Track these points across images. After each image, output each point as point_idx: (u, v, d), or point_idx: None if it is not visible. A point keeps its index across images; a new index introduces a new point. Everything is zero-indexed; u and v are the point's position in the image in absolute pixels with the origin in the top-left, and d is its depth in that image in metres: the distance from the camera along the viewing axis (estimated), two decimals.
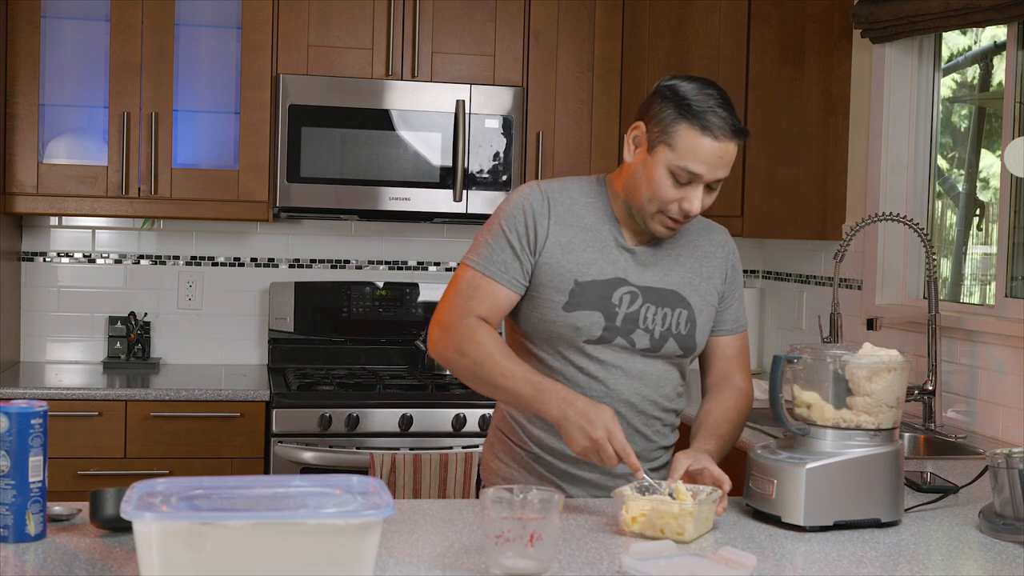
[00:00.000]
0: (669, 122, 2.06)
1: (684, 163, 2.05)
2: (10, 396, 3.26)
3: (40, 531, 1.77)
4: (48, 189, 3.64)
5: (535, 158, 3.89)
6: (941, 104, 3.80)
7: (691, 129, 2.04)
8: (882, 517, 1.98)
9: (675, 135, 2.05)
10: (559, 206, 2.18)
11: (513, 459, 2.26)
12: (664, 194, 2.09)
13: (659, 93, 2.10)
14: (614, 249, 2.18)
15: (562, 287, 2.15)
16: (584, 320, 2.14)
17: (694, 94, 2.06)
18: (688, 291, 2.21)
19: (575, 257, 2.16)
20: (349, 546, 1.48)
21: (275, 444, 3.46)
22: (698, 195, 2.08)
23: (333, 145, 3.73)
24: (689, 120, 2.04)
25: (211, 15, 3.79)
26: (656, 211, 2.11)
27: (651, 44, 3.97)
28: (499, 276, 2.15)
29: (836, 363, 1.98)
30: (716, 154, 2.05)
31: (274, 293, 4.04)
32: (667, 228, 2.14)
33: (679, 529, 1.85)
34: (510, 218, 2.17)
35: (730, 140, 2.05)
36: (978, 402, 3.23)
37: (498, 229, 2.17)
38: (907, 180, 3.81)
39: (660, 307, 2.18)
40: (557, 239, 2.16)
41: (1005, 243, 3.31)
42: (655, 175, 2.08)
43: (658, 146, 2.08)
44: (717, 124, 2.04)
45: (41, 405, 1.78)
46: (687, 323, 2.20)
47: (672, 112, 2.06)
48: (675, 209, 2.10)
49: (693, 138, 2.04)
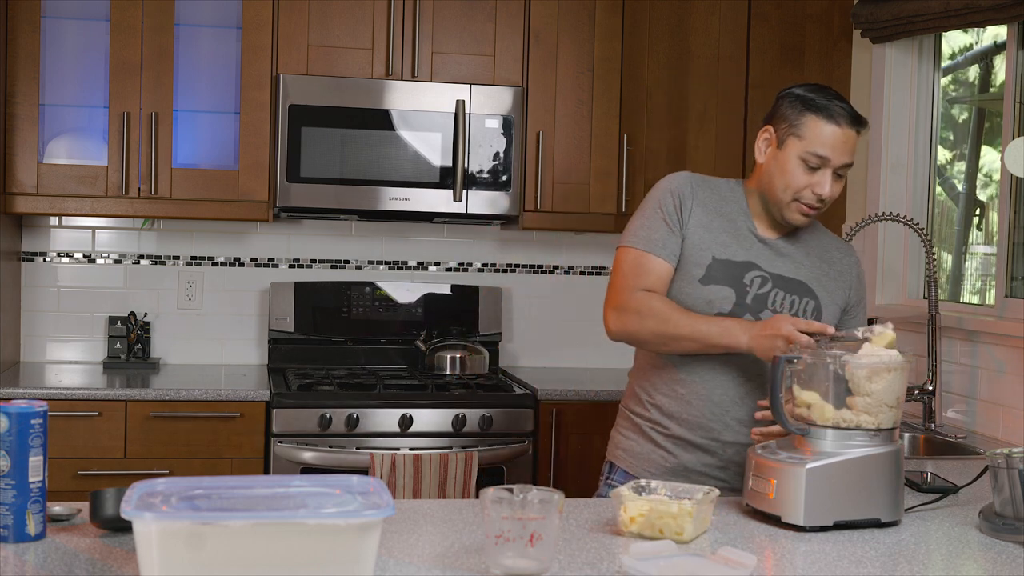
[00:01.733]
0: (796, 116, 2.30)
1: (813, 148, 2.27)
2: (10, 396, 3.26)
3: (40, 531, 1.77)
4: (48, 189, 3.64)
5: (535, 158, 3.89)
6: (941, 104, 3.80)
7: (817, 119, 2.27)
8: (882, 517, 1.98)
9: (803, 126, 2.28)
10: (702, 192, 2.39)
11: (633, 430, 2.45)
12: (797, 181, 2.29)
13: (783, 99, 2.34)
14: (748, 237, 2.38)
15: (701, 262, 2.34)
16: (717, 294, 2.32)
17: (815, 92, 2.31)
18: (816, 284, 2.38)
19: (714, 237, 2.36)
20: (349, 546, 1.48)
21: (275, 444, 3.46)
22: (828, 179, 2.29)
23: (333, 145, 3.73)
24: (814, 111, 2.28)
25: (211, 15, 3.79)
26: (791, 199, 2.31)
27: (651, 44, 3.97)
28: (658, 251, 2.35)
29: (836, 363, 1.98)
30: (840, 139, 2.27)
31: (274, 293, 4.04)
32: (803, 215, 2.33)
33: (678, 529, 1.85)
34: (660, 199, 2.38)
35: (851, 127, 2.28)
36: (978, 402, 3.23)
37: (651, 210, 2.38)
38: (907, 180, 3.81)
39: (789, 294, 2.35)
40: (700, 219, 2.36)
41: (1005, 243, 3.31)
42: (788, 165, 2.30)
43: (787, 139, 2.30)
44: (839, 112, 2.27)
45: (41, 405, 1.78)
46: (814, 312, 2.36)
47: (799, 108, 2.30)
48: (808, 195, 2.30)
49: (819, 126, 2.27)
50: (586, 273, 4.35)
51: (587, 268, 4.35)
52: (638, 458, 2.43)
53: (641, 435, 2.43)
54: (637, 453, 2.43)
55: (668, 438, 2.39)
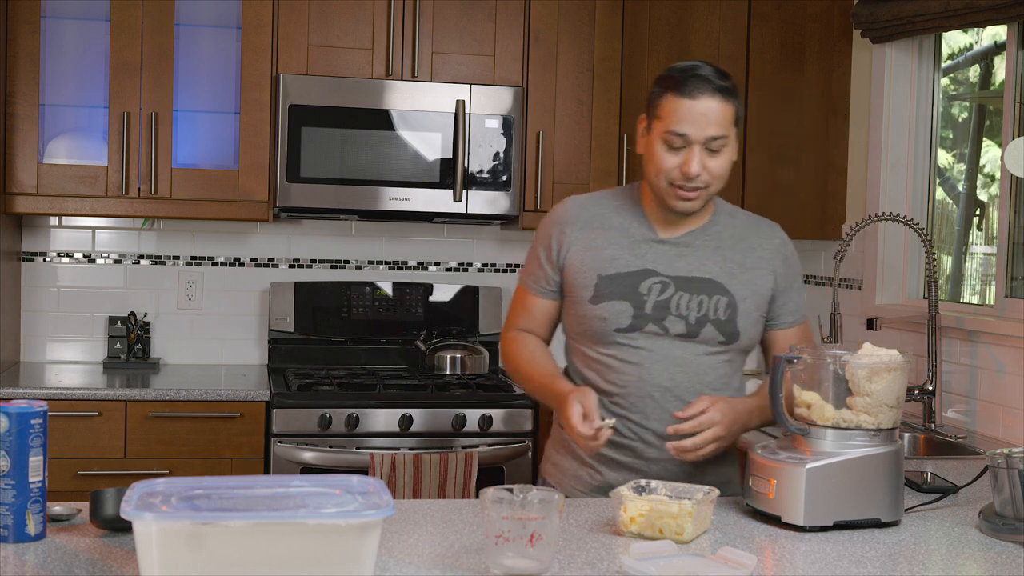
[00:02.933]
0: (656, 98, 2.22)
1: (671, 127, 2.18)
2: (10, 396, 3.26)
3: (40, 531, 1.77)
4: (48, 189, 3.64)
5: (535, 158, 3.89)
6: (941, 103, 3.80)
7: (671, 96, 2.19)
8: (882, 517, 1.98)
9: (660, 107, 2.21)
10: (586, 212, 2.35)
11: (561, 445, 2.41)
12: (664, 163, 2.20)
13: (654, 83, 2.27)
14: (644, 243, 2.30)
15: (587, 283, 2.29)
16: (610, 311, 2.26)
17: (678, 69, 2.22)
18: (727, 279, 2.28)
19: (597, 255, 2.30)
20: (349, 546, 1.48)
21: (275, 444, 3.46)
22: (694, 156, 2.18)
23: (333, 145, 3.73)
24: (670, 89, 2.19)
25: (211, 15, 3.79)
26: (666, 185, 2.22)
27: (651, 44, 3.97)
28: (533, 287, 2.40)
29: (836, 363, 1.98)
30: (698, 111, 2.16)
31: (274, 293, 4.04)
32: (683, 200, 2.22)
33: (678, 529, 1.85)
34: (541, 235, 2.40)
35: (709, 97, 2.16)
36: (978, 402, 3.23)
37: (534, 246, 2.41)
38: (907, 180, 3.81)
39: (695, 295, 2.26)
40: (581, 243, 2.32)
41: (1005, 243, 3.31)
42: (654, 149, 2.22)
43: (652, 123, 2.24)
44: (694, 85, 2.16)
45: (41, 405, 1.78)
46: (727, 309, 2.26)
47: (658, 89, 2.23)
48: (678, 175, 2.20)
49: (673, 102, 2.18)
50: None
51: None
52: (565, 474, 2.36)
53: (568, 452, 2.36)
54: (565, 469, 2.36)
55: (593, 456, 2.30)
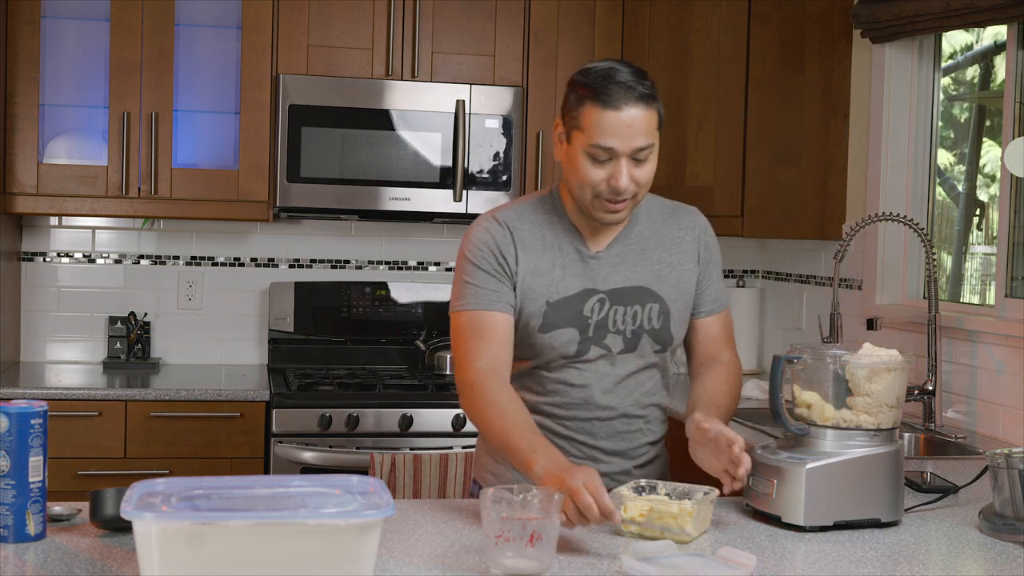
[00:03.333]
0: (575, 106, 2.06)
1: (595, 141, 2.04)
2: (10, 396, 3.26)
3: (40, 531, 1.77)
4: (48, 189, 3.64)
5: (535, 158, 3.89)
6: (941, 103, 3.80)
7: (593, 106, 2.03)
8: (882, 517, 1.98)
9: (581, 117, 2.05)
10: (520, 232, 2.18)
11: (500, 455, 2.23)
12: (590, 177, 2.07)
13: (570, 84, 2.10)
14: (578, 261, 2.18)
15: (536, 310, 2.15)
16: (559, 339, 2.15)
17: (595, 74, 2.05)
18: (657, 284, 2.20)
19: (544, 279, 2.16)
20: (349, 546, 1.48)
21: (275, 444, 3.46)
22: (622, 170, 2.05)
23: (333, 145, 3.73)
24: (590, 98, 2.03)
25: (211, 15, 3.79)
26: (592, 197, 2.09)
27: (651, 44, 3.97)
28: (492, 305, 2.14)
29: (836, 363, 1.98)
30: (624, 124, 2.03)
31: (274, 293, 4.04)
32: (610, 212, 2.11)
33: (678, 529, 1.85)
34: (479, 255, 2.16)
35: (634, 107, 2.03)
36: (978, 402, 3.23)
37: (471, 268, 2.16)
38: (907, 180, 3.81)
39: (629, 306, 2.17)
40: (527, 264, 2.16)
41: (1005, 243, 3.31)
42: (578, 162, 2.08)
43: (572, 133, 2.08)
44: (617, 94, 2.02)
45: (41, 405, 1.78)
46: (660, 316, 2.19)
47: (576, 96, 2.06)
48: (605, 189, 2.07)
49: (596, 114, 2.03)
50: None
51: None
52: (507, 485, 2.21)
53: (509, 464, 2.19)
54: (510, 481, 2.20)
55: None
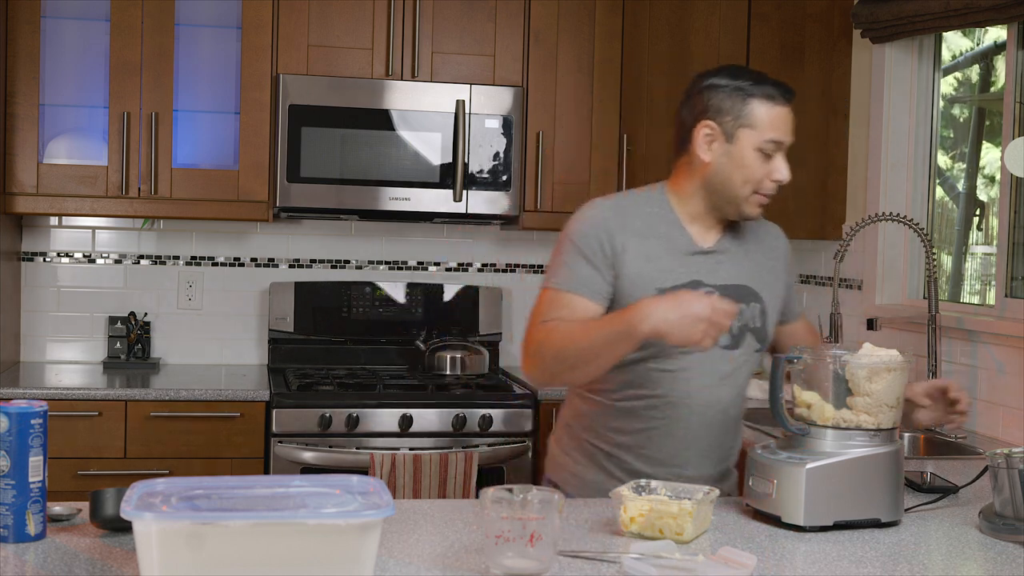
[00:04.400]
0: (740, 107, 2.18)
1: (768, 136, 2.17)
2: (10, 396, 3.26)
3: (40, 531, 1.77)
4: (48, 189, 3.64)
5: (535, 158, 3.89)
6: (941, 104, 3.80)
7: (762, 104, 2.18)
8: (882, 517, 1.98)
9: (751, 115, 2.18)
10: (632, 219, 2.23)
11: (583, 455, 2.30)
12: (756, 173, 2.19)
13: (711, 89, 2.21)
14: (688, 255, 2.24)
15: (647, 295, 2.14)
16: None
17: (743, 76, 2.21)
18: (758, 285, 2.29)
19: (656, 265, 2.20)
20: (349, 546, 1.48)
21: (275, 444, 3.46)
22: (784, 162, 2.20)
23: (333, 145, 3.73)
24: (758, 97, 2.18)
25: (211, 15, 3.79)
26: (751, 192, 2.20)
27: (651, 44, 3.97)
28: (580, 288, 2.17)
29: (836, 363, 1.98)
30: (787, 118, 2.20)
31: (274, 293, 4.04)
32: (760, 206, 2.24)
33: (678, 529, 1.85)
34: (583, 237, 2.20)
35: (790, 103, 2.21)
36: (978, 402, 3.23)
37: (572, 248, 2.20)
38: (907, 180, 3.81)
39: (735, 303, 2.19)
40: (636, 250, 2.20)
41: (1005, 243, 3.31)
42: (745, 159, 2.19)
43: (737, 132, 2.18)
44: (778, 92, 2.19)
45: (41, 405, 1.78)
46: (760, 315, 2.27)
47: (739, 97, 2.18)
48: (767, 184, 2.20)
49: (767, 111, 2.17)
50: None
51: None
52: (589, 487, 2.26)
53: (592, 462, 2.28)
54: (589, 481, 2.26)
55: (624, 471, 2.23)
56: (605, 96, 3.94)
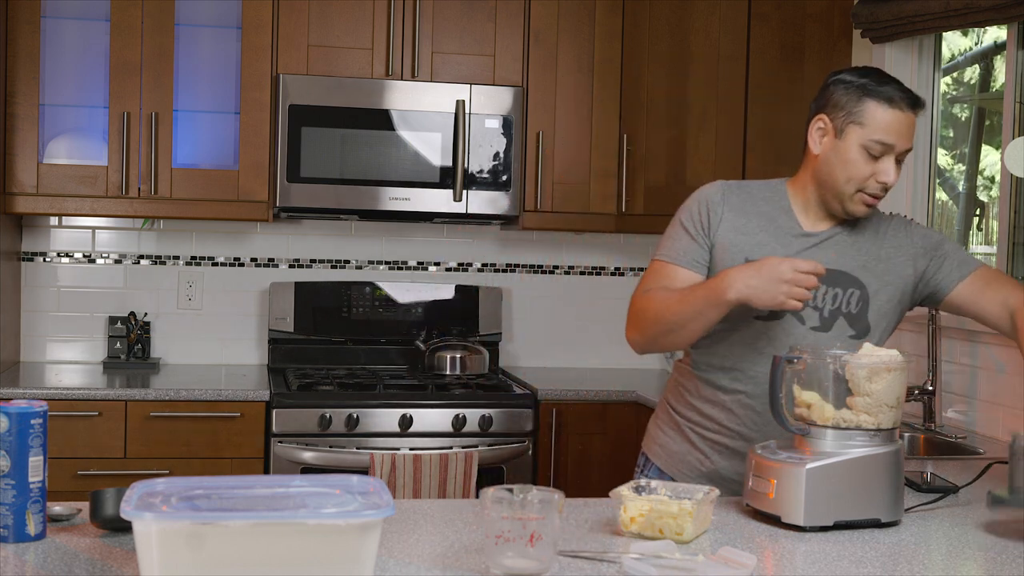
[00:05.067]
0: (855, 103, 2.20)
1: (876, 136, 2.18)
2: (10, 396, 3.26)
3: (40, 531, 1.77)
4: (48, 189, 3.64)
5: (535, 158, 3.89)
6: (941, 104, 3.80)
7: (878, 105, 2.18)
8: (882, 517, 1.98)
9: (863, 113, 2.19)
10: (735, 196, 2.31)
11: (672, 427, 2.41)
12: (860, 171, 2.21)
13: (835, 85, 2.24)
14: (788, 235, 2.29)
15: (734, 264, 2.23)
16: None
17: (869, 76, 2.21)
18: (861, 272, 2.28)
19: (748, 239, 2.27)
20: (349, 546, 1.48)
21: (275, 444, 3.46)
22: (891, 166, 2.20)
23: (333, 145, 3.74)
24: (874, 97, 2.18)
25: (211, 15, 3.79)
26: (855, 191, 2.22)
27: (651, 44, 3.97)
28: (680, 260, 2.28)
29: (836, 363, 1.98)
30: (903, 123, 2.19)
31: (274, 293, 4.04)
32: (867, 206, 2.25)
33: (678, 529, 1.85)
34: (687, 211, 2.32)
35: (911, 110, 2.19)
36: (978, 402, 3.23)
37: (677, 222, 2.33)
38: (907, 180, 3.81)
39: (831, 287, 2.25)
40: (731, 223, 2.28)
41: (1005, 243, 3.31)
42: (850, 155, 2.21)
43: (848, 128, 2.21)
44: (899, 96, 2.18)
45: (41, 405, 1.78)
46: (859, 303, 2.27)
47: (856, 94, 2.20)
48: (872, 184, 2.21)
49: (880, 112, 2.18)
50: (586, 273, 4.35)
51: (587, 268, 4.35)
52: (674, 457, 2.39)
53: (679, 434, 2.39)
54: (674, 452, 2.39)
55: (707, 442, 2.34)
56: (605, 96, 3.94)
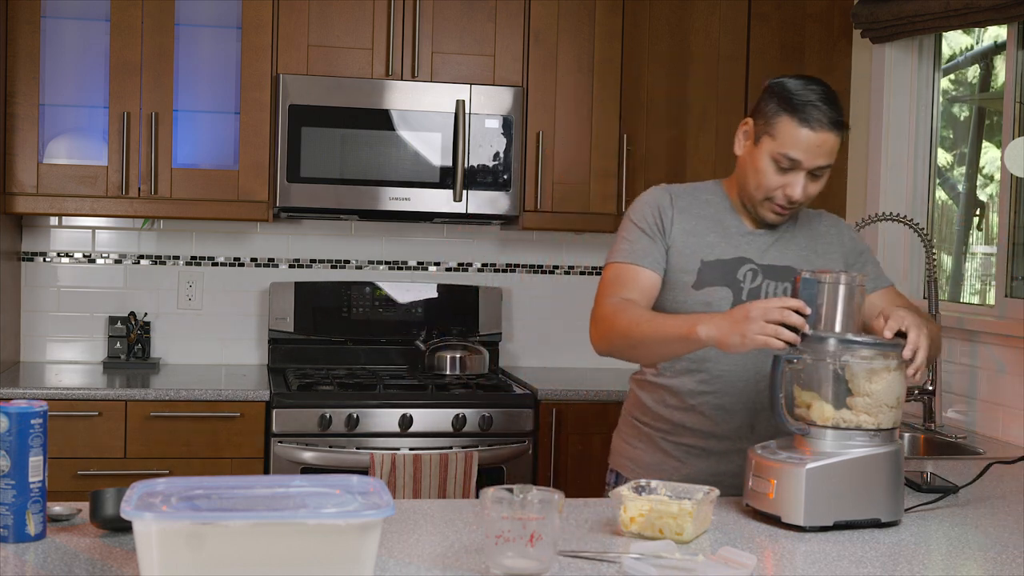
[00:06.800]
0: (772, 115, 2.23)
1: (784, 150, 2.21)
2: (10, 396, 3.26)
3: (40, 531, 1.77)
4: (48, 189, 3.64)
5: (535, 158, 3.89)
6: (941, 104, 3.80)
7: (791, 120, 2.20)
8: (882, 517, 1.98)
9: (777, 126, 2.22)
10: (681, 200, 2.36)
11: (640, 439, 2.42)
12: (769, 181, 2.25)
13: (767, 90, 2.27)
14: (736, 234, 2.34)
15: (690, 268, 2.31)
16: (713, 296, 2.29)
17: (797, 89, 2.22)
18: (803, 266, 2.33)
19: (699, 240, 2.32)
20: (349, 546, 1.48)
21: (275, 444, 3.46)
22: (799, 182, 2.23)
23: (333, 145, 3.73)
24: (789, 112, 2.21)
25: (211, 15, 3.79)
26: (763, 198, 2.28)
27: (651, 44, 3.97)
28: (640, 261, 2.30)
29: (836, 363, 1.98)
30: (814, 143, 2.20)
31: (274, 293, 4.04)
32: (775, 215, 2.30)
33: (678, 529, 1.85)
34: (639, 214, 2.35)
35: (827, 131, 2.20)
36: (978, 402, 3.23)
37: (630, 225, 2.35)
38: (907, 180, 3.81)
39: (780, 282, 2.32)
40: (683, 226, 2.33)
41: (1005, 243, 3.31)
42: (760, 164, 2.25)
43: (762, 137, 2.25)
44: (815, 116, 2.19)
45: (41, 405, 1.78)
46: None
47: (775, 106, 2.23)
48: (780, 195, 2.25)
49: (792, 128, 2.20)
50: (586, 273, 4.35)
51: (587, 268, 4.35)
52: (648, 469, 2.38)
53: (650, 444, 2.40)
54: (647, 464, 2.39)
55: (681, 447, 2.36)
56: (605, 96, 3.94)
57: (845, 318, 2.01)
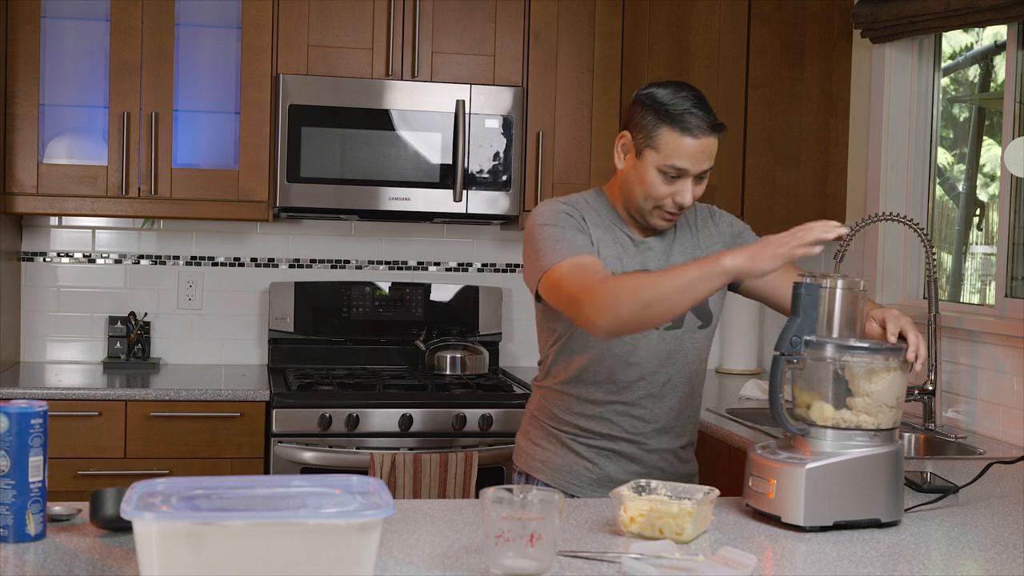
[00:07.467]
0: (652, 127, 2.25)
1: (670, 162, 2.24)
2: (10, 396, 3.26)
3: (40, 531, 1.77)
4: (48, 189, 3.64)
5: (535, 158, 3.89)
6: (941, 103, 3.80)
7: (671, 131, 2.23)
8: (882, 517, 1.98)
9: (658, 139, 2.24)
10: (580, 212, 2.35)
11: (549, 440, 2.44)
12: (657, 192, 2.28)
13: (638, 102, 2.29)
14: (631, 245, 2.37)
15: None
16: None
17: (670, 99, 2.24)
18: None
19: (607, 252, 2.33)
20: (349, 546, 1.48)
21: (275, 444, 3.46)
22: (688, 188, 2.27)
23: (333, 145, 3.73)
24: (669, 123, 2.23)
25: (211, 15, 3.79)
26: (653, 207, 2.31)
27: (651, 44, 3.97)
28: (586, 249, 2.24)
29: (836, 363, 1.98)
30: (697, 150, 2.24)
31: (274, 293, 4.04)
32: (665, 220, 2.33)
33: (678, 529, 1.85)
34: (559, 218, 2.29)
35: (708, 136, 2.24)
36: (978, 402, 3.23)
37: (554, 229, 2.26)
38: (907, 180, 3.81)
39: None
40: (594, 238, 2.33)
41: (1005, 243, 3.31)
42: (647, 177, 2.27)
43: (645, 151, 2.27)
44: (695, 124, 2.22)
45: (41, 405, 1.78)
46: None
47: (653, 119, 2.25)
48: (669, 203, 2.29)
49: (675, 139, 2.23)
50: None
51: None
52: (559, 471, 2.42)
53: (560, 446, 2.43)
54: (558, 465, 2.42)
55: (592, 449, 2.40)
56: (605, 96, 3.94)
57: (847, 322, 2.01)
